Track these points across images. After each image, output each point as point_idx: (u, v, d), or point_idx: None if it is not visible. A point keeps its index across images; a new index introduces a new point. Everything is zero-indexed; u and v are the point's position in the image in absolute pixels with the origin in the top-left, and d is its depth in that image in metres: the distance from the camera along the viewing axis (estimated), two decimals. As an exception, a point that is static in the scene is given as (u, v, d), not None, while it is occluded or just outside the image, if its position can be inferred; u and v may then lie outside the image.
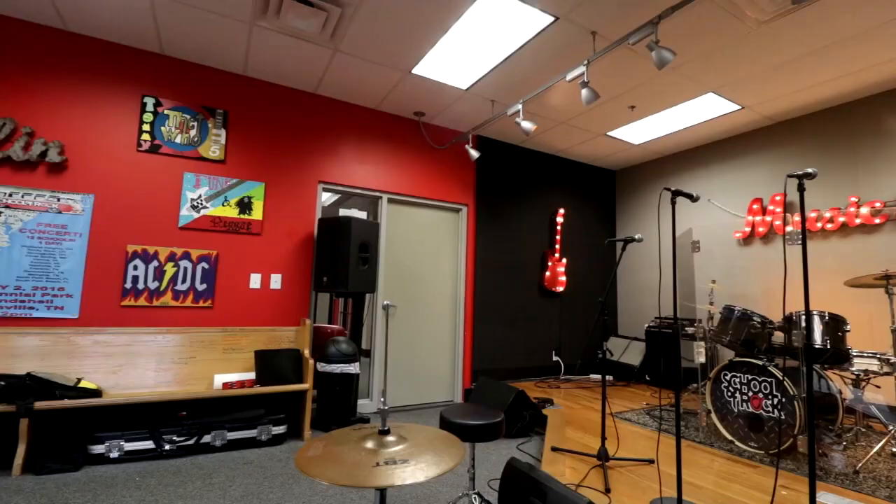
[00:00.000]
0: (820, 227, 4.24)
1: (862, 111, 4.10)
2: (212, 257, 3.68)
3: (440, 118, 4.80)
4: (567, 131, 5.08)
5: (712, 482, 2.55)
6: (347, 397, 3.65)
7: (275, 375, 3.45)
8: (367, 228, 3.92)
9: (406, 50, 3.48)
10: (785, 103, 4.25)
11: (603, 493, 2.38)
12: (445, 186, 4.96)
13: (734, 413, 3.12)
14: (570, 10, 2.96)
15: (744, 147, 4.99)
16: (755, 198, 4.77)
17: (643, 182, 6.16)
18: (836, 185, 4.21)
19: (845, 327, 2.96)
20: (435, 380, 4.77)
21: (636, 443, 3.21)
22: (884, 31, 3.10)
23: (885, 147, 3.93)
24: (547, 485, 1.77)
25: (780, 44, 3.29)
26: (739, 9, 2.90)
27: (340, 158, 4.35)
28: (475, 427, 2.08)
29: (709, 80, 3.84)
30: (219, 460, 3.00)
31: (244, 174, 3.88)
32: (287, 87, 4.14)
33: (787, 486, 2.51)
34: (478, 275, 5.08)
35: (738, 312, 3.32)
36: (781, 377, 2.86)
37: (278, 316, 3.89)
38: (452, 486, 2.70)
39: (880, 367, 2.89)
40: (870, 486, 2.47)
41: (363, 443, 1.38)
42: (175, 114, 3.65)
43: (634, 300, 6.08)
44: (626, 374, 5.47)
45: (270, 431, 3.30)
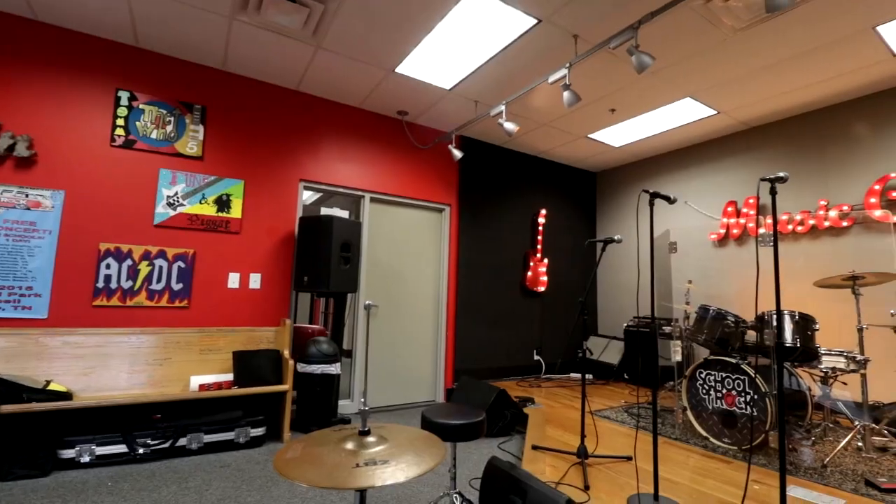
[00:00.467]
0: (791, 230, 4.38)
1: (831, 118, 4.25)
2: (188, 256, 3.60)
3: (424, 118, 4.79)
4: (549, 133, 5.14)
5: (688, 478, 2.61)
6: (328, 398, 3.62)
7: (253, 376, 3.39)
8: (349, 228, 3.89)
9: (389, 48, 3.46)
10: (758, 109, 4.38)
11: (582, 491, 2.41)
12: (429, 186, 4.96)
13: (709, 410, 3.20)
14: (553, 12, 2.99)
15: (719, 151, 5.12)
16: (730, 200, 4.90)
17: (623, 184, 6.26)
18: (806, 189, 4.36)
19: (814, 326, 3.07)
20: (417, 380, 4.76)
21: (615, 440, 3.26)
22: (851, 41, 3.22)
23: (852, 153, 4.09)
24: (527, 483, 1.78)
25: (755, 51, 3.39)
26: (716, 16, 2.98)
27: (322, 156, 4.30)
28: (456, 427, 2.08)
29: (686, 84, 3.92)
30: (195, 464, 2.93)
31: (223, 171, 3.80)
32: (268, 84, 4.08)
33: (759, 480, 2.59)
34: (460, 275, 5.09)
35: (713, 312, 3.40)
36: (753, 375, 2.95)
37: (257, 316, 3.83)
38: (434, 485, 2.70)
39: (847, 364, 3.00)
40: (837, 480, 2.56)
41: (343, 444, 1.36)
42: (151, 108, 3.56)
43: (614, 300, 6.18)
44: (606, 372, 5.56)
45: (249, 433, 3.25)
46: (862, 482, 2.52)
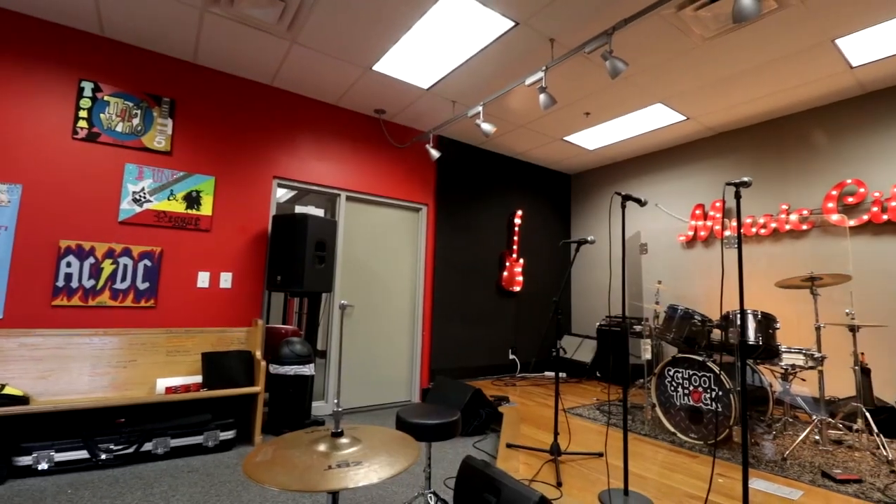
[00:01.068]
0: (755, 232, 4.56)
1: (792, 126, 4.45)
2: (155, 254, 3.48)
3: (401, 117, 4.77)
4: (526, 134, 5.19)
5: (656, 472, 2.69)
6: (301, 400, 3.56)
7: (223, 378, 3.30)
8: (325, 226, 3.83)
9: (367, 46, 3.43)
10: (725, 116, 4.54)
11: (555, 487, 2.45)
12: (405, 185, 4.94)
13: (676, 406, 3.30)
14: (530, 16, 3.02)
15: (688, 155, 5.28)
16: (698, 203, 5.07)
17: (597, 186, 6.39)
18: (769, 194, 4.54)
19: (775, 325, 3.20)
20: (392, 380, 4.74)
21: (587, 437, 3.32)
22: (811, 53, 3.38)
23: (812, 160, 4.29)
24: (501, 481, 1.80)
25: (721, 60, 3.51)
26: (686, 25, 3.07)
27: (297, 153, 4.23)
28: (431, 426, 2.08)
29: (658, 90, 4.03)
30: (161, 469, 2.84)
31: (192, 167, 3.69)
32: (241, 78, 3.98)
33: (724, 473, 2.68)
34: (437, 274, 5.10)
35: (681, 311, 3.51)
36: (718, 372, 3.06)
37: (228, 316, 3.73)
38: (408, 486, 2.70)
39: (805, 361, 3.14)
40: (795, 472, 2.68)
41: (315, 446, 1.34)
42: (116, 100, 3.42)
43: (587, 300, 6.29)
44: (579, 371, 5.66)
45: (218, 437, 3.16)
46: (819, 474, 2.65)
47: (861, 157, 3.98)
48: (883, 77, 3.71)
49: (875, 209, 3.80)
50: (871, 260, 3.86)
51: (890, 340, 3.70)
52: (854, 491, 2.42)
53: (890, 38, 3.17)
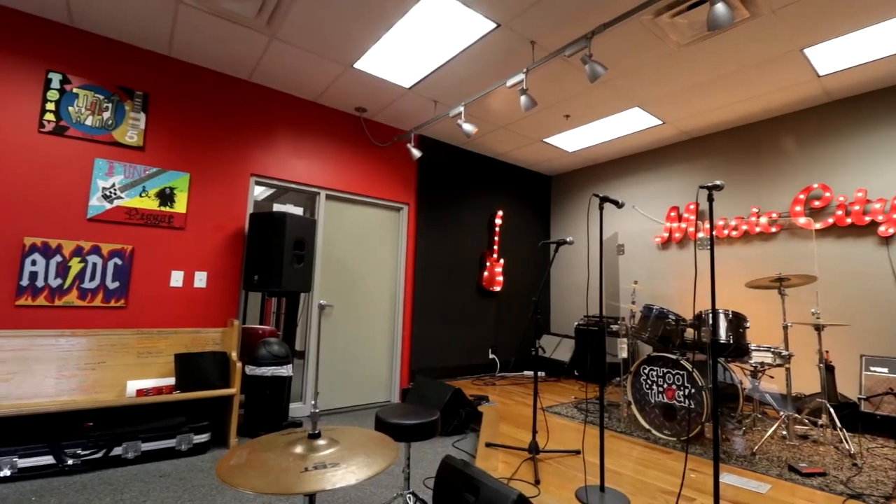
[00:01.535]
0: (727, 234, 4.70)
1: (763, 132, 4.60)
2: (126, 252, 3.37)
3: (382, 115, 4.74)
4: (507, 136, 5.23)
5: (631, 469, 2.74)
6: (279, 401, 3.51)
7: (197, 380, 3.23)
8: (304, 225, 3.78)
9: (348, 43, 3.40)
10: (699, 120, 4.66)
11: (533, 485, 2.47)
12: (386, 185, 4.91)
13: (651, 404, 3.38)
14: (512, 18, 3.04)
15: (664, 159, 5.41)
16: (673, 206, 5.19)
17: (576, 188, 6.48)
18: (740, 197, 4.69)
19: (745, 324, 3.30)
20: (372, 380, 4.71)
21: (565, 435, 3.37)
22: (782, 61, 3.49)
23: (781, 165, 4.44)
24: (480, 480, 1.80)
25: (697, 66, 3.60)
26: (663, 31, 3.14)
27: (276, 151, 4.16)
28: (411, 427, 2.08)
29: (635, 94, 4.11)
30: (131, 474, 2.75)
31: (166, 163, 3.59)
32: (217, 72, 3.89)
33: (696, 469, 2.76)
34: (418, 274, 5.09)
35: (656, 311, 3.59)
36: (691, 370, 3.14)
37: (203, 316, 3.65)
38: (387, 487, 2.68)
39: (774, 359, 3.25)
40: (764, 467, 2.77)
41: (291, 448, 1.32)
42: (86, 93, 3.31)
43: (566, 299, 6.38)
44: (558, 370, 5.73)
45: (191, 440, 3.09)
46: (786, 468, 2.74)
47: (827, 163, 4.14)
48: (848, 86, 3.87)
49: (839, 213, 3.96)
50: (835, 261, 4.02)
51: (852, 339, 3.86)
52: (819, 484, 2.52)
53: (855, 49, 3.30)
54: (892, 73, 3.63)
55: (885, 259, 3.75)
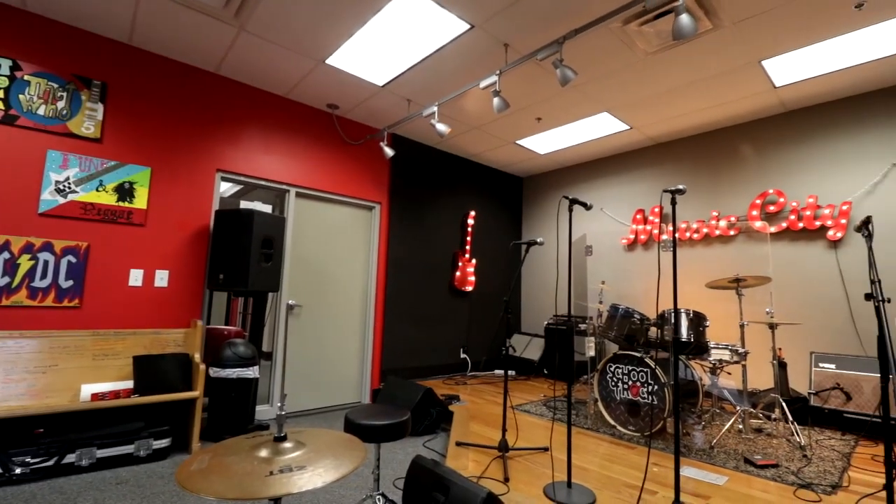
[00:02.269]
0: (689, 237, 4.89)
1: (723, 139, 4.80)
2: (81, 250, 3.21)
3: (355, 113, 4.69)
4: (480, 137, 5.26)
5: (597, 464, 2.81)
6: (244, 404, 3.41)
7: (158, 383, 3.10)
8: (272, 223, 3.70)
9: (320, 38, 3.34)
10: (664, 127, 4.82)
11: (502, 483, 2.50)
12: (359, 183, 4.86)
13: (617, 400, 3.47)
14: (485, 20, 3.06)
15: (631, 163, 5.57)
16: (638, 209, 5.35)
17: (547, 189, 6.59)
18: (702, 201, 4.88)
19: (705, 323, 3.44)
20: (342, 381, 4.65)
21: (534, 432, 3.42)
22: (741, 72, 3.66)
23: (739, 170, 4.65)
24: (450, 479, 1.81)
25: (662, 74, 3.73)
26: (631, 39, 3.23)
27: (243, 146, 4.04)
28: (380, 427, 2.06)
29: (604, 100, 4.22)
30: (85, 482, 2.62)
31: (125, 156, 3.43)
32: (182, 63, 3.75)
33: (658, 463, 2.85)
34: (389, 274, 5.05)
35: (622, 310, 3.69)
36: (654, 367, 3.24)
37: (164, 317, 3.51)
38: (356, 488, 2.66)
39: (731, 356, 3.40)
40: (722, 459, 2.89)
41: (256, 451, 1.29)
42: (38, 81, 3.13)
43: (536, 299, 6.48)
44: (528, 368, 5.81)
45: (151, 446, 2.97)
46: (742, 460, 2.87)
47: (782, 170, 4.36)
48: (802, 97, 4.09)
49: (792, 217, 4.18)
50: (788, 264, 4.24)
51: (803, 337, 4.09)
52: (772, 475, 2.65)
53: (809, 62, 3.49)
54: (843, 86, 3.86)
55: (834, 262, 3.99)
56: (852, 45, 3.24)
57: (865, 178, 3.89)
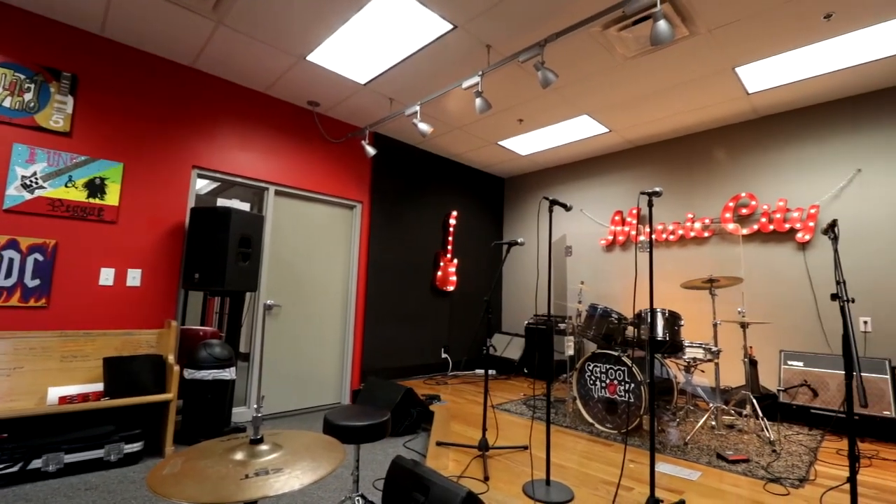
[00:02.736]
0: (665, 238, 5.00)
1: (698, 143, 4.92)
2: (48, 247, 3.09)
3: (336, 110, 4.64)
4: (462, 137, 5.27)
5: (576, 462, 2.85)
6: (221, 406, 3.34)
7: (130, 385, 3.01)
8: (250, 221, 3.63)
9: (301, 34, 3.30)
10: (642, 130, 4.92)
11: (482, 482, 2.51)
12: (340, 182, 4.81)
13: (595, 399, 3.53)
14: (468, 20, 3.07)
15: (610, 165, 5.66)
16: (617, 210, 5.45)
17: (528, 190, 6.65)
18: (677, 203, 4.99)
19: (680, 322, 3.52)
20: (322, 382, 4.60)
21: (514, 431, 3.44)
22: (716, 78, 3.76)
23: (713, 174, 4.77)
24: (430, 479, 1.81)
25: (640, 79, 3.80)
26: (611, 44, 3.28)
27: (221, 143, 3.96)
28: (360, 428, 2.05)
29: (584, 103, 4.28)
30: (52, 488, 2.53)
31: (97, 151, 3.32)
32: (157, 56, 3.65)
33: (634, 459, 2.91)
34: (370, 274, 5.02)
35: (601, 310, 3.75)
36: (631, 365, 3.31)
37: (136, 317, 3.41)
38: (335, 490, 2.63)
39: (705, 355, 3.49)
40: (695, 455, 2.96)
41: (231, 454, 1.27)
42: (4, 72, 3.00)
43: (517, 299, 6.53)
44: (508, 368, 5.85)
45: (122, 450, 2.88)
46: (714, 456, 2.95)
47: (754, 174, 4.50)
48: (774, 104, 4.22)
49: (763, 220, 4.32)
50: (759, 265, 4.38)
51: (772, 335, 4.22)
52: (743, 470, 2.73)
53: (780, 70, 3.61)
54: (812, 93, 4.00)
55: (802, 263, 4.13)
56: (821, 54, 3.37)
57: (832, 183, 4.04)
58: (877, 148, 3.85)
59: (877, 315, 3.73)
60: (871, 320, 3.75)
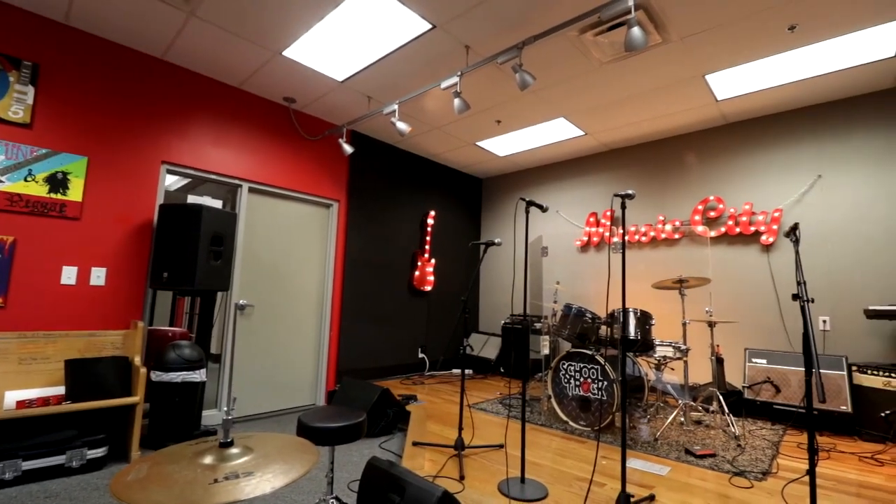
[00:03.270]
0: (637, 240, 5.12)
1: (670, 147, 5.06)
2: (6, 245, 2.94)
3: (313, 107, 4.57)
4: (440, 137, 5.27)
5: (550, 459, 2.89)
6: (190, 409, 3.25)
7: (93, 389, 2.90)
8: (222, 219, 3.54)
9: (277, 28, 3.23)
10: (617, 134, 5.03)
11: (458, 481, 2.52)
12: (316, 180, 4.74)
13: (569, 397, 3.59)
14: (447, 21, 3.07)
15: (586, 168, 5.76)
16: (591, 212, 5.55)
17: (506, 191, 6.70)
18: (650, 206, 5.12)
19: (651, 322, 3.62)
20: (296, 384, 4.52)
21: (490, 430, 3.47)
22: (686, 85, 3.87)
23: (684, 178, 4.92)
24: (405, 479, 1.80)
25: (615, 84, 3.88)
26: (587, 48, 3.34)
27: (192, 138, 3.85)
28: (335, 429, 2.02)
29: (561, 105, 4.34)
30: (9, 497, 2.41)
31: (59, 144, 3.18)
32: (125, 47, 3.52)
33: (607, 456, 2.97)
34: (347, 273, 4.97)
35: (575, 310, 3.81)
36: (604, 364, 3.38)
37: (101, 318, 3.28)
38: (309, 493, 2.59)
39: (674, 353, 3.59)
40: (665, 451, 3.05)
41: (200, 458, 1.23)
42: (-46, 58, 2.84)
43: (494, 299, 6.57)
44: (485, 367, 5.89)
45: (85, 456, 2.77)
46: (683, 451, 3.04)
47: (722, 178, 4.65)
48: (741, 111, 4.38)
49: (730, 223, 4.47)
50: (726, 266, 4.53)
51: (738, 334, 4.38)
52: (710, 464, 2.82)
53: (748, 78, 3.74)
54: (778, 101, 4.17)
55: (766, 265, 4.30)
56: (786, 64, 3.51)
57: (795, 188, 4.22)
58: (835, 155, 4.04)
59: (835, 314, 3.91)
60: (829, 319, 3.93)
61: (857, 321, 3.81)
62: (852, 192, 3.94)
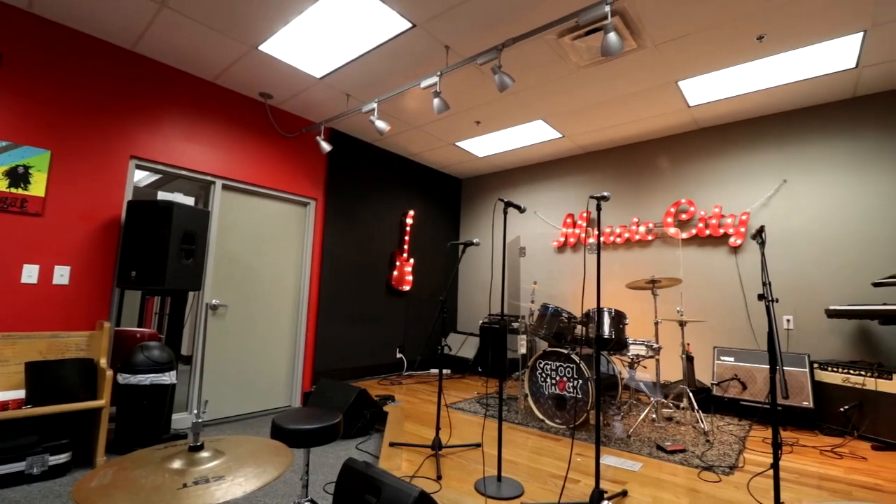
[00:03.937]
0: (612, 241, 5.22)
1: (644, 151, 5.18)
2: (-40, 241, 2.79)
3: (290, 104, 4.50)
4: (419, 136, 5.26)
5: (526, 457, 2.92)
6: (159, 412, 3.15)
7: (56, 392, 2.78)
8: (194, 216, 3.44)
9: (253, 22, 3.17)
10: (593, 137, 5.12)
11: (435, 481, 2.52)
12: (293, 178, 4.66)
13: (545, 395, 3.63)
14: (427, 20, 3.07)
15: (563, 169, 5.84)
16: (568, 213, 5.64)
17: (484, 191, 6.74)
18: (624, 208, 5.23)
19: (625, 321, 3.69)
20: (271, 385, 4.44)
21: (467, 429, 3.48)
22: (660, 91, 3.97)
23: (657, 181, 5.04)
24: (382, 480, 1.79)
25: (592, 88, 3.95)
26: (565, 52, 3.39)
27: (163, 132, 3.73)
28: (310, 431, 2.00)
29: (539, 108, 4.39)
30: (-41, 507, 2.29)
31: (20, 137, 3.04)
32: (92, 37, 3.39)
33: (582, 453, 3.02)
34: (324, 272, 4.91)
35: (552, 310, 3.86)
36: (579, 363, 3.43)
37: (64, 318, 3.14)
38: (284, 496, 2.55)
39: (647, 351, 3.68)
40: (637, 447, 3.12)
41: (168, 463, 1.20)
42: None
43: (472, 298, 6.60)
44: (463, 367, 5.91)
45: (46, 462, 2.65)
46: (654, 447, 3.12)
47: (693, 182, 4.79)
48: (712, 116, 4.51)
49: (700, 225, 4.61)
50: (696, 267, 4.67)
51: (707, 333, 4.52)
52: (680, 459, 2.90)
53: (718, 85, 3.86)
54: (747, 108, 4.31)
55: (734, 266, 4.45)
56: (755, 73, 3.64)
57: (762, 192, 4.38)
58: (800, 161, 4.21)
59: (798, 313, 4.08)
60: (793, 318, 4.10)
61: (819, 320, 3.98)
62: (816, 196, 4.11)
